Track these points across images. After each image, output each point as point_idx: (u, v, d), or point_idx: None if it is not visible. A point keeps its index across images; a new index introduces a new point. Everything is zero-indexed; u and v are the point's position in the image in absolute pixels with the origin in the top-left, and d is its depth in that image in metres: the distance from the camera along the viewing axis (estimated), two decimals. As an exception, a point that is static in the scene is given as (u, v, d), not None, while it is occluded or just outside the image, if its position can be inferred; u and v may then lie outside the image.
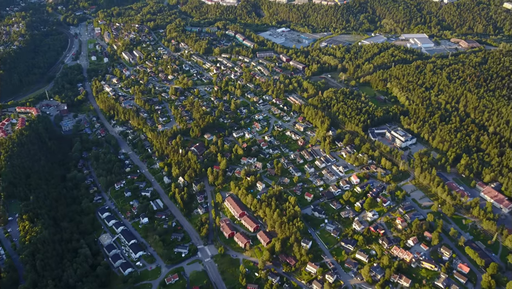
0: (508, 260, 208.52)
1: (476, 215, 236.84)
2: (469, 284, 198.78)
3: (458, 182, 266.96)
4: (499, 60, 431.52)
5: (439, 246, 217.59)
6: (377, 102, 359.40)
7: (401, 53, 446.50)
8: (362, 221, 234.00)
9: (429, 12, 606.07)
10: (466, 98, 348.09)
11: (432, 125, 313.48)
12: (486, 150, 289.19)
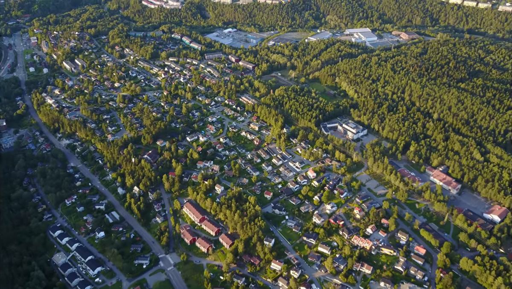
0: (460, 238, 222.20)
1: (427, 198, 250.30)
2: (426, 264, 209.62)
3: (409, 168, 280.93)
4: (437, 50, 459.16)
5: (396, 231, 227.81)
6: (327, 97, 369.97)
7: (347, 48, 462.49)
8: (321, 214, 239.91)
9: (370, 7, 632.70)
10: (410, 88, 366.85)
11: (381, 116, 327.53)
12: (432, 135, 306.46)
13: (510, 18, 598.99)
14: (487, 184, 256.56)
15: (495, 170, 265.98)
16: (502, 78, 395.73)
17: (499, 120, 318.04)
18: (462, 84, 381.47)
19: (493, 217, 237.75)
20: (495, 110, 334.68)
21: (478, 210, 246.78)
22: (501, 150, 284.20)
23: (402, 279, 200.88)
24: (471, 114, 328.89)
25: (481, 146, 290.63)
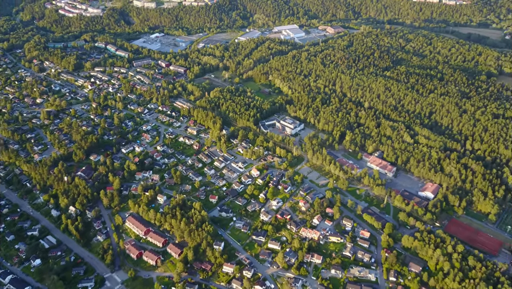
0: (400, 218, 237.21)
1: (367, 183, 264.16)
2: (371, 247, 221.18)
3: (347, 157, 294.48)
4: (362, 42, 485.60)
5: (341, 218, 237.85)
6: (263, 95, 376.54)
7: (277, 45, 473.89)
8: (268, 211, 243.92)
9: (295, 4, 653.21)
10: (341, 80, 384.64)
11: (316, 110, 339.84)
12: (365, 124, 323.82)
13: (424, 8, 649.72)
14: (418, 164, 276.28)
15: (425, 150, 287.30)
16: (422, 64, 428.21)
17: (423, 104, 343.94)
18: (388, 73, 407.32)
19: (427, 194, 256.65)
20: (419, 94, 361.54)
21: (413, 189, 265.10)
22: (428, 131, 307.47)
23: (351, 264, 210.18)
24: (398, 100, 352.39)
25: (410, 129, 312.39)
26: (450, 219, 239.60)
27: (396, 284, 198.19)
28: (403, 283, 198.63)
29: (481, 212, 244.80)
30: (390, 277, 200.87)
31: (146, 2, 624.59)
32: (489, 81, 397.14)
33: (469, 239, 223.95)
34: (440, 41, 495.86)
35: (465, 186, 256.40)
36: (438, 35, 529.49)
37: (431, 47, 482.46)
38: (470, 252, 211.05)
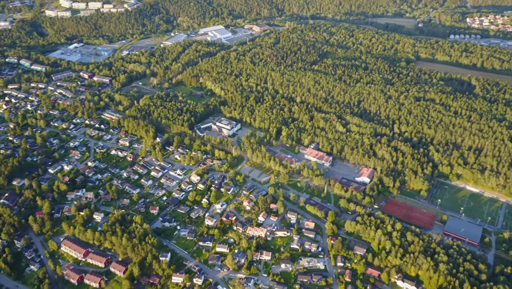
0: (341, 205, 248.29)
1: (306, 175, 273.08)
2: (317, 236, 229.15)
3: (285, 152, 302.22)
4: (288, 38, 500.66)
5: (285, 212, 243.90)
6: (195, 98, 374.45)
7: (204, 47, 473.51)
8: (213, 215, 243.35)
9: (219, 5, 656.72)
10: (271, 77, 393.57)
11: (250, 108, 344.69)
12: (299, 118, 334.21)
13: (343, 2, 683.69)
14: (353, 151, 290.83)
15: (357, 138, 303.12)
16: (347, 56, 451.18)
17: (351, 94, 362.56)
18: (315, 66, 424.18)
19: (363, 179, 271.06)
20: (346, 85, 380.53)
21: (350, 176, 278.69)
22: (358, 119, 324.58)
23: (299, 256, 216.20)
24: (328, 92, 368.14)
25: (342, 119, 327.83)
26: (386, 200, 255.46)
27: (344, 269, 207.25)
28: (350, 266, 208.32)
29: (414, 189, 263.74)
30: (337, 263, 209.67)
31: (60, 11, 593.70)
32: (409, 67, 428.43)
33: (405, 216, 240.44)
34: (361, 32, 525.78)
35: (397, 167, 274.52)
36: (358, 27, 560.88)
37: (353, 38, 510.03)
38: (407, 229, 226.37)
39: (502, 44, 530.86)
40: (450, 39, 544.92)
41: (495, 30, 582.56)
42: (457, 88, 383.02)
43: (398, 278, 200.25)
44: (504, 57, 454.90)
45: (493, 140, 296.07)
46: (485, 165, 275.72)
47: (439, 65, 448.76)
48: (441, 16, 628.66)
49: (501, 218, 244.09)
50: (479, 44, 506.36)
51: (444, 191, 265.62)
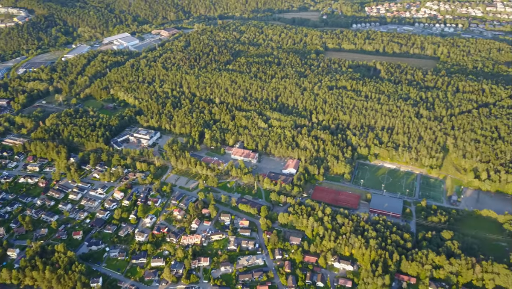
0: (272, 198, 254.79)
1: (235, 175, 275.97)
2: (253, 233, 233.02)
3: (210, 155, 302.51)
4: (199, 40, 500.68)
5: (218, 215, 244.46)
6: (108, 111, 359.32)
7: (111, 57, 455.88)
8: (143, 230, 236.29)
9: (121, 11, 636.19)
10: (186, 81, 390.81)
11: (168, 115, 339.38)
12: (220, 119, 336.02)
13: (249, 0, 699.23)
14: (277, 145, 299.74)
15: (279, 132, 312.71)
16: (259, 53, 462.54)
17: (268, 90, 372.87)
18: (230, 66, 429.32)
19: (290, 171, 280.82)
20: (262, 81, 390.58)
21: (277, 169, 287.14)
22: (278, 113, 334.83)
23: (238, 255, 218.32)
24: (246, 90, 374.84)
25: (262, 115, 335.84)
26: (314, 187, 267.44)
27: (282, 261, 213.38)
28: (289, 257, 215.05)
29: (337, 174, 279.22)
30: (276, 256, 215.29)
31: None
32: (319, 58, 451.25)
33: (333, 200, 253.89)
34: (270, 28, 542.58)
35: (320, 155, 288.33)
36: (267, 23, 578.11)
37: (263, 35, 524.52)
38: (337, 212, 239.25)
39: (399, 29, 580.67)
40: (353, 28, 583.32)
41: (391, 17, 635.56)
42: (364, 73, 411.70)
43: (335, 260, 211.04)
44: (401, 41, 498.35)
45: (402, 118, 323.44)
46: (398, 142, 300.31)
47: (346, 53, 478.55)
48: (342, 7, 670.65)
49: (417, 188, 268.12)
50: (379, 31, 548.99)
51: (365, 171, 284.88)
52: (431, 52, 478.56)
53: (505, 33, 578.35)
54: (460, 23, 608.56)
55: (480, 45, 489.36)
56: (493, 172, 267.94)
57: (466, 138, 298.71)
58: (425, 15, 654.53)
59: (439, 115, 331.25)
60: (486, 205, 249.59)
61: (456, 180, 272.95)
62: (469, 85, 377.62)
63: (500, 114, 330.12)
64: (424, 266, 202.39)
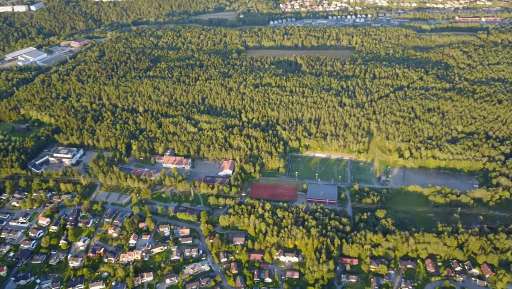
0: (210, 202, 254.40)
1: (169, 184, 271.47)
2: (195, 240, 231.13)
3: (140, 166, 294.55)
4: (114, 48, 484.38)
5: (157, 227, 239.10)
6: (21, 133, 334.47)
7: (17, 74, 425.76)
8: (77, 255, 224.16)
9: (23, 24, 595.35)
10: (106, 92, 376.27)
11: (90, 130, 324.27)
12: (146, 128, 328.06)
13: (163, 4, 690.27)
14: (209, 148, 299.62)
15: (210, 134, 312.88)
16: (179, 57, 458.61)
17: (194, 93, 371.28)
18: (150, 72, 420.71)
19: (226, 172, 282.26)
20: (186, 85, 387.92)
21: (213, 172, 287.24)
22: (206, 116, 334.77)
23: (182, 265, 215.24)
24: (170, 95, 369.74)
25: (191, 119, 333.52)
26: (251, 185, 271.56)
27: (228, 263, 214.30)
28: (234, 258, 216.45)
29: (273, 169, 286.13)
30: (221, 259, 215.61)
31: None
32: (241, 57, 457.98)
33: (272, 196, 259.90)
34: (188, 31, 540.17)
35: (254, 153, 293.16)
36: (184, 26, 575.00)
37: (182, 38, 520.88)
38: (276, 206, 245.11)
39: (314, 23, 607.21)
40: (270, 25, 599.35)
41: (305, 12, 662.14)
42: (287, 69, 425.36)
43: (280, 254, 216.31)
44: (318, 34, 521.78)
45: (326, 109, 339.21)
46: (326, 132, 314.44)
47: (267, 50, 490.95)
48: (258, 5, 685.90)
49: (348, 173, 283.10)
50: (296, 26, 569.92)
51: (298, 163, 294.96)
52: (346, 43, 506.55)
53: (409, 20, 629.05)
54: (369, 14, 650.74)
55: (389, 32, 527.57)
56: (414, 149, 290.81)
57: (387, 121, 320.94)
58: (336, 8, 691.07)
59: (360, 102, 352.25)
60: (412, 181, 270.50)
61: (383, 161, 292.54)
62: (384, 71, 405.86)
63: (414, 96, 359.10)
64: (364, 247, 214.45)
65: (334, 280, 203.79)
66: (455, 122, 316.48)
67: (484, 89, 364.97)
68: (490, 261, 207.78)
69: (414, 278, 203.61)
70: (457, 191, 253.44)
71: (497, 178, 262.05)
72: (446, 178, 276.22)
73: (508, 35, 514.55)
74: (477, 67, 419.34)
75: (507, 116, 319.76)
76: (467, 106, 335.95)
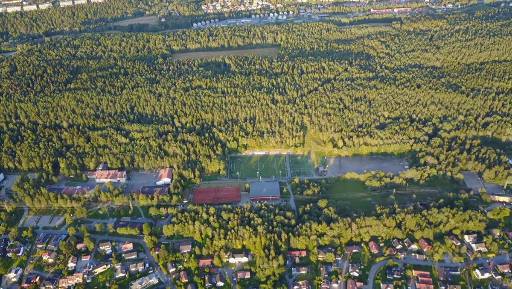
0: (152, 214, 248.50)
1: (105, 199, 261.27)
2: (140, 254, 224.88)
3: (72, 184, 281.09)
4: (27, 62, 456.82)
5: (97, 246, 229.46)
6: None
7: None
8: (9, 287, 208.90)
9: None
10: (22, 110, 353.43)
11: (9, 152, 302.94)
12: (74, 143, 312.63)
13: (77, 12, 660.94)
14: (144, 158, 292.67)
15: (143, 143, 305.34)
16: (101, 66, 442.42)
17: (121, 102, 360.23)
18: (71, 85, 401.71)
19: (164, 181, 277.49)
20: (112, 95, 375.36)
21: (151, 182, 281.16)
22: (137, 125, 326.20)
23: (129, 281, 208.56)
24: (96, 107, 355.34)
25: (121, 130, 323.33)
26: (193, 191, 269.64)
27: (177, 272, 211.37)
28: (183, 267, 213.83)
29: (213, 172, 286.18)
30: (169, 270, 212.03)
31: None
32: (167, 62, 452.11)
33: (215, 199, 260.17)
34: (108, 39, 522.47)
35: (192, 158, 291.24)
36: (103, 34, 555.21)
37: (102, 47, 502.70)
38: (220, 209, 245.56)
39: (238, 23, 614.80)
40: (194, 27, 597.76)
41: (228, 12, 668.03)
42: (216, 70, 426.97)
43: (229, 256, 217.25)
44: (243, 34, 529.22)
45: (260, 107, 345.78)
46: (262, 130, 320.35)
47: (193, 53, 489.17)
48: (179, 8, 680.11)
49: (288, 168, 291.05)
50: (220, 26, 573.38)
51: (238, 164, 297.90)
52: (271, 40, 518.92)
53: (329, 14, 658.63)
54: (291, 10, 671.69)
55: (311, 28, 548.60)
56: (347, 138, 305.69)
57: (318, 114, 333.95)
58: (258, 6, 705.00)
59: (291, 98, 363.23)
60: (348, 169, 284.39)
61: (319, 152, 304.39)
62: (310, 65, 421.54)
63: (341, 87, 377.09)
64: (310, 238, 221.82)
65: (285, 274, 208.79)
66: (381, 109, 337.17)
67: (403, 76, 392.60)
68: (426, 235, 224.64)
69: (360, 261, 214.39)
70: (390, 174, 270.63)
71: (424, 158, 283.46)
72: (379, 162, 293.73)
73: (419, 24, 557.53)
74: (395, 55, 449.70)
75: (426, 99, 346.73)
76: (391, 93, 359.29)
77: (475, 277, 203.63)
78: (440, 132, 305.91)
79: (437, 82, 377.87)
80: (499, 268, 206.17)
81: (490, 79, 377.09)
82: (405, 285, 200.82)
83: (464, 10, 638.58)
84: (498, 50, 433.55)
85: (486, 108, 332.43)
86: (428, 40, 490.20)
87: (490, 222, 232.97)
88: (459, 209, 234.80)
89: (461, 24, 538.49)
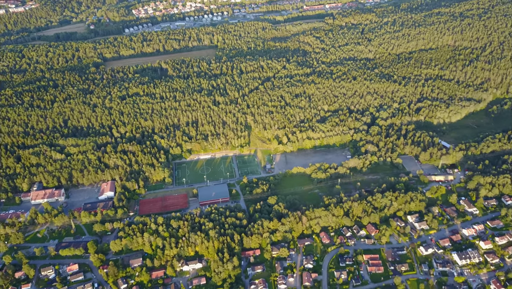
0: (96, 230, 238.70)
1: (43, 221, 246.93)
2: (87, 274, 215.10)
3: (4, 209, 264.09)
4: None
5: (38, 272, 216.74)
6: None
7: None
8: None
9: None
10: None
11: None
12: (2, 164, 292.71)
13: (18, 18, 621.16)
14: (83, 173, 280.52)
15: (81, 158, 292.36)
16: (28, 80, 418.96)
17: (52, 116, 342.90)
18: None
19: (107, 194, 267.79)
20: (42, 110, 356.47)
21: (93, 197, 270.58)
22: (73, 139, 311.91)
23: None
24: (24, 123, 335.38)
25: (54, 146, 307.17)
26: (138, 203, 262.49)
27: (129, 288, 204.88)
28: (135, 282, 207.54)
29: (158, 181, 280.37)
30: (121, 287, 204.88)
31: None
32: (100, 71, 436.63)
33: (162, 208, 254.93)
34: (32, 50, 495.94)
35: (134, 168, 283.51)
36: (26, 45, 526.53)
37: (27, 59, 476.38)
38: (169, 218, 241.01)
39: (172, 26, 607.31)
40: (126, 33, 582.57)
41: (161, 16, 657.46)
42: (153, 76, 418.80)
43: (182, 264, 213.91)
44: (178, 37, 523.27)
45: (202, 110, 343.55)
46: (206, 132, 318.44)
47: (127, 60, 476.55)
48: (108, 14, 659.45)
49: (235, 169, 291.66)
50: (153, 31, 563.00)
51: (184, 169, 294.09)
52: (208, 42, 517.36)
53: (263, 13, 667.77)
54: (225, 11, 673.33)
55: (247, 27, 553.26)
56: (290, 134, 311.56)
57: (261, 112, 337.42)
58: (192, 8, 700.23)
59: (233, 98, 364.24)
60: (294, 164, 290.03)
61: (265, 150, 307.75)
62: (249, 65, 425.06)
63: (281, 85, 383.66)
64: (263, 236, 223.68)
65: (241, 275, 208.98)
66: (321, 103, 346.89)
67: (339, 69, 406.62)
68: (373, 220, 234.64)
69: (313, 252, 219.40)
70: (334, 165, 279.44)
71: (365, 146, 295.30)
72: (323, 155, 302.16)
73: (350, 18, 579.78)
74: (330, 50, 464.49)
75: (362, 90, 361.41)
76: (328, 87, 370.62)
77: (420, 254, 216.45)
78: (377, 121, 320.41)
79: (371, 73, 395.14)
80: (440, 242, 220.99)
81: (419, 67, 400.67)
82: (357, 270, 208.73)
83: (391, 3, 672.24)
84: (423, 40, 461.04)
85: (417, 95, 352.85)
86: (360, 34, 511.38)
87: (429, 200, 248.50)
88: (400, 192, 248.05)
89: (388, 16, 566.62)
